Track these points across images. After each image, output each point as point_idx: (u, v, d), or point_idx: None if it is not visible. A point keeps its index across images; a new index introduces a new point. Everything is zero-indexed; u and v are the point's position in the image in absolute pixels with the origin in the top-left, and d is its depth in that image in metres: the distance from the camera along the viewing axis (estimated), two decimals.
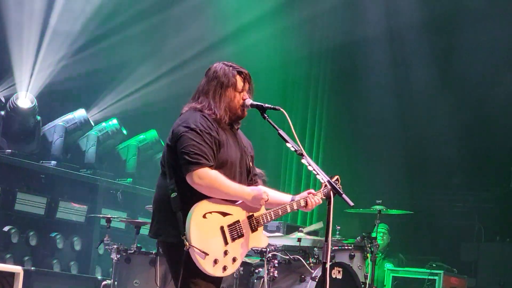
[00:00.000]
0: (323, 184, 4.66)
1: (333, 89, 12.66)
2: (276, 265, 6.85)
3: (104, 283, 7.76)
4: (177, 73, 11.51)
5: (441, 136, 11.94)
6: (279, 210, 4.64)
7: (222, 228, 4.41)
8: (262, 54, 11.94)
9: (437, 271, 9.63)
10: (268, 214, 4.61)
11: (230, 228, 4.43)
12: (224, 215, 4.43)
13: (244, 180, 4.62)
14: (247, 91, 4.65)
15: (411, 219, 10.58)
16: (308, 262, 6.95)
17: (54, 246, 9.74)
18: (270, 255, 6.81)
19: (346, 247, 7.45)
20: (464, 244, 11.50)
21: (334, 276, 6.94)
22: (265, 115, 4.66)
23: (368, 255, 7.47)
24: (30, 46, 10.22)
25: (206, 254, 4.29)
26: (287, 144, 4.59)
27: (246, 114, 4.67)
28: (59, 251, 9.79)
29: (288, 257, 7.03)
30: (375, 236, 7.72)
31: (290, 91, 12.68)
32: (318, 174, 4.51)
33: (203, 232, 4.33)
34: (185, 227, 4.30)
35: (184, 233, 4.28)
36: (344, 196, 4.47)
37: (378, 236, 8.14)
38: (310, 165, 4.51)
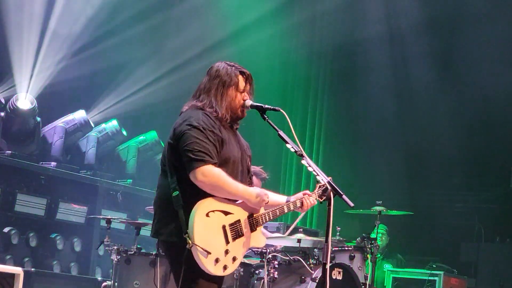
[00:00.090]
0: (317, 185, 4.69)
1: (333, 89, 12.66)
2: (276, 266, 6.85)
3: (104, 284, 7.74)
4: (177, 74, 11.50)
5: (441, 137, 11.94)
6: (277, 211, 4.64)
7: (224, 227, 4.39)
8: (262, 54, 11.94)
9: (437, 271, 9.64)
10: (266, 214, 4.61)
11: (231, 228, 4.42)
12: (226, 214, 4.42)
13: (245, 178, 4.62)
14: (248, 92, 4.64)
15: (411, 219, 10.57)
16: (308, 263, 6.93)
17: (54, 247, 9.73)
18: (270, 256, 6.80)
19: (346, 248, 7.45)
20: (464, 244, 11.49)
21: (334, 277, 6.94)
22: (265, 116, 4.65)
23: (368, 256, 7.46)
24: (30, 47, 10.21)
25: (208, 253, 4.27)
26: (287, 145, 4.59)
27: (245, 115, 4.66)
28: (59, 252, 9.78)
29: (288, 258, 7.02)
30: (375, 237, 7.71)
31: (290, 91, 12.68)
32: (318, 175, 4.51)
33: (205, 230, 4.31)
34: (187, 225, 4.27)
35: (186, 231, 4.26)
36: (344, 196, 4.47)
37: (377, 237, 8.13)
38: (310, 166, 4.52)
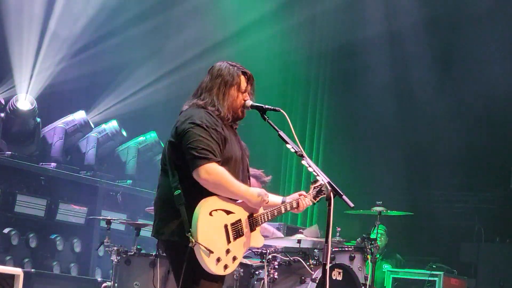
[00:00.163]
0: (312, 186, 4.75)
1: (333, 90, 12.66)
2: (276, 266, 6.84)
3: (104, 285, 7.74)
4: (177, 74, 11.50)
5: (441, 137, 11.95)
6: (275, 211, 4.65)
7: (226, 226, 4.38)
8: (262, 55, 11.94)
9: (437, 272, 9.65)
10: (265, 215, 4.61)
11: (232, 227, 4.41)
12: (228, 213, 4.41)
13: (245, 178, 4.61)
14: (248, 92, 4.64)
15: (411, 219, 10.56)
16: (308, 263, 6.93)
17: (54, 248, 9.73)
18: (270, 256, 6.80)
19: (346, 249, 7.44)
20: (464, 244, 11.50)
21: (334, 278, 6.94)
22: (265, 116, 4.65)
23: (369, 257, 7.46)
24: (30, 48, 10.21)
25: (211, 252, 4.26)
26: (287, 145, 4.59)
27: (245, 115, 4.66)
28: (59, 253, 9.78)
29: (288, 258, 7.01)
30: (375, 237, 7.71)
31: (290, 92, 12.68)
32: (318, 175, 4.51)
33: (209, 229, 4.29)
34: (190, 224, 4.26)
35: (189, 230, 4.24)
36: (344, 197, 4.46)
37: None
38: (310, 166, 4.52)
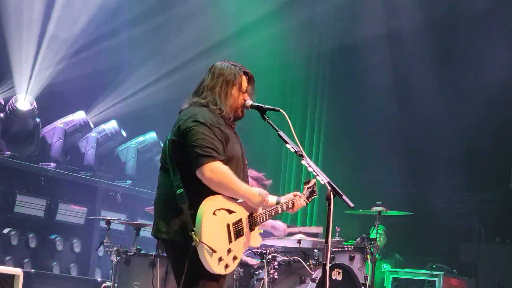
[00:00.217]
0: (305, 187, 4.81)
1: (332, 90, 12.66)
2: (276, 266, 6.84)
3: (104, 285, 7.73)
4: (176, 75, 11.49)
5: (441, 137, 11.94)
6: (272, 211, 4.67)
7: (228, 226, 4.37)
8: (261, 55, 11.93)
9: (437, 272, 9.65)
10: (264, 214, 4.62)
11: (234, 227, 4.40)
12: (230, 212, 4.40)
13: (245, 177, 4.61)
14: (249, 93, 4.63)
15: (411, 220, 10.55)
16: (308, 263, 6.93)
17: (54, 248, 9.72)
18: (270, 256, 6.80)
19: (346, 249, 7.44)
20: (464, 245, 11.49)
21: (334, 278, 6.94)
22: (265, 116, 4.66)
23: (368, 257, 7.46)
24: (29, 48, 10.20)
25: (214, 251, 4.24)
26: (287, 145, 4.59)
27: (244, 115, 4.65)
28: (58, 253, 9.78)
29: (288, 258, 7.01)
30: (374, 237, 7.70)
31: (290, 92, 12.68)
32: (318, 175, 4.51)
33: (212, 229, 4.28)
34: (194, 223, 4.23)
35: (193, 229, 4.22)
36: (344, 197, 4.45)
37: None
38: (310, 166, 4.52)
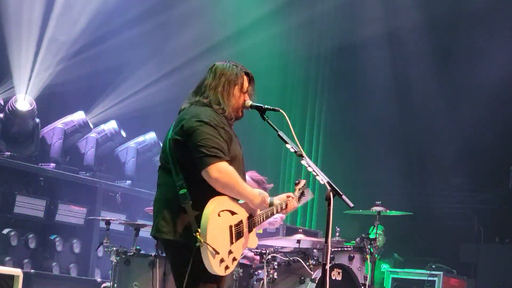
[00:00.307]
0: (296, 188, 4.85)
1: (332, 90, 12.67)
2: (276, 267, 6.84)
3: (103, 285, 7.74)
4: (176, 75, 11.49)
5: (440, 137, 11.95)
6: (269, 212, 4.67)
7: (230, 227, 4.37)
8: (261, 56, 11.94)
9: (436, 272, 9.66)
10: (261, 216, 4.62)
11: (235, 228, 4.39)
12: (232, 214, 4.39)
13: (244, 178, 4.59)
14: (249, 93, 4.62)
15: (411, 220, 10.58)
16: (307, 263, 6.93)
17: (54, 248, 9.71)
18: (270, 256, 6.79)
19: (346, 249, 7.44)
20: (464, 245, 11.50)
21: (333, 278, 6.93)
22: (264, 116, 4.65)
23: (368, 257, 7.45)
24: (29, 48, 10.20)
25: (217, 253, 4.23)
26: (286, 145, 4.59)
27: (243, 115, 4.65)
28: (58, 253, 9.76)
29: (287, 258, 7.01)
30: (374, 237, 7.70)
31: (290, 92, 12.69)
32: (317, 175, 4.50)
33: (216, 230, 4.27)
34: (198, 223, 4.21)
35: (197, 230, 4.19)
36: (344, 197, 4.45)
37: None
38: (309, 166, 4.51)
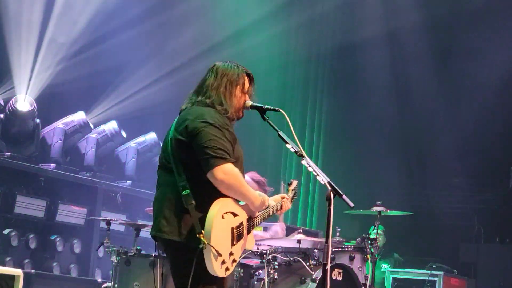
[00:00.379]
0: (290, 188, 4.87)
1: (332, 90, 12.68)
2: (276, 267, 6.83)
3: (104, 285, 7.74)
4: (176, 75, 11.50)
5: (440, 137, 11.96)
6: (266, 214, 4.67)
7: (232, 229, 4.36)
8: (261, 56, 11.95)
9: (437, 272, 9.65)
10: (259, 217, 4.62)
11: (237, 230, 4.39)
12: (234, 215, 4.38)
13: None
14: (249, 94, 4.62)
15: (411, 220, 10.58)
16: (308, 263, 6.93)
17: (54, 248, 9.72)
18: (270, 256, 6.79)
19: (346, 249, 7.44)
20: (464, 245, 11.50)
21: (334, 278, 6.93)
22: (265, 116, 4.65)
23: (368, 257, 7.45)
24: (29, 48, 10.21)
25: (219, 255, 4.22)
26: (287, 145, 4.59)
27: (243, 116, 4.64)
28: (59, 253, 9.77)
29: (288, 259, 7.01)
30: (374, 237, 7.70)
31: (290, 92, 12.70)
32: (318, 175, 4.50)
33: (220, 232, 4.26)
34: (202, 225, 4.19)
35: (201, 231, 4.18)
36: (344, 197, 4.45)
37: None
38: (309, 166, 4.51)
